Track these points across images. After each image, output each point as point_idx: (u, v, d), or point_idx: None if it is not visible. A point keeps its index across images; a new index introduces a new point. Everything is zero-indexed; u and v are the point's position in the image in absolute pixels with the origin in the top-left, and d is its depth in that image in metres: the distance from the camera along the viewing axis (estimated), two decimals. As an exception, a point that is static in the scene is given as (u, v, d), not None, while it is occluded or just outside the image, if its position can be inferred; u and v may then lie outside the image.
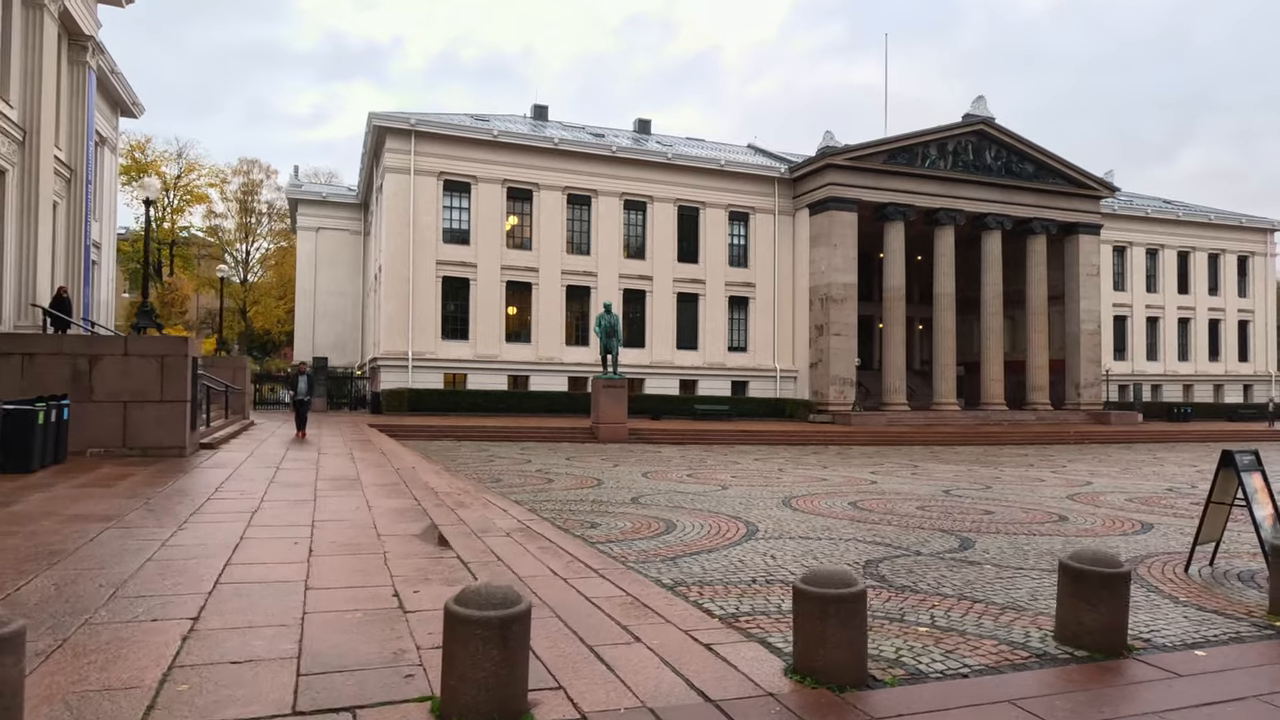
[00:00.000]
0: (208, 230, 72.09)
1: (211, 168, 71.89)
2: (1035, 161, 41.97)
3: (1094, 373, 43.21)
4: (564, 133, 40.02)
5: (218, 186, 70.96)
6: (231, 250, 74.47)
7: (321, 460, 12.86)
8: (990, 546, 7.69)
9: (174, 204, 69.71)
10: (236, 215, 73.57)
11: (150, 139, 68.09)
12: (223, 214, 72.81)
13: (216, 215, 72.68)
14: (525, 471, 14.92)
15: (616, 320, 28.94)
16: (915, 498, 11.88)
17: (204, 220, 72.13)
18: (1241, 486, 6.17)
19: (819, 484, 13.89)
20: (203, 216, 72.09)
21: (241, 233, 74.12)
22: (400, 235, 34.71)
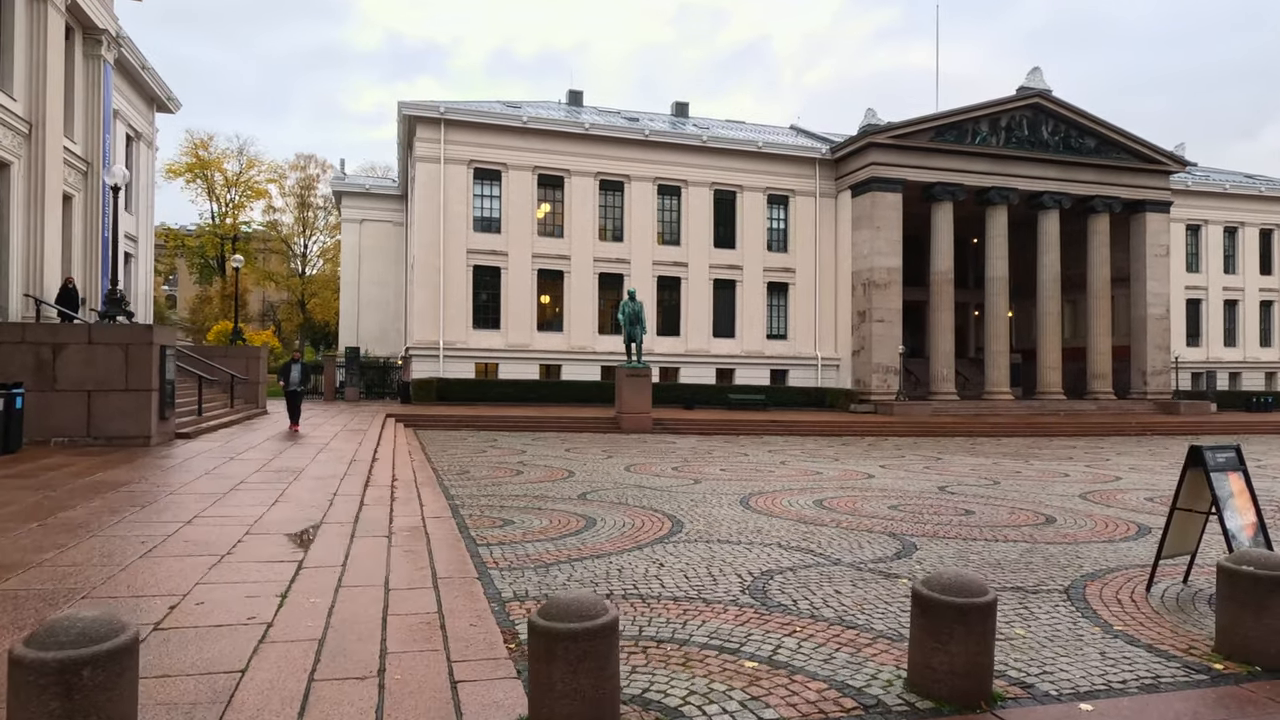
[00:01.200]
0: (267, 225, 74.04)
1: (270, 163, 73.82)
2: (1096, 135, 39.43)
3: (1162, 360, 40.53)
4: (596, 117, 39.37)
5: (276, 182, 72.82)
6: (290, 244, 76.30)
7: (287, 452, 12.57)
8: (930, 555, 6.78)
9: (235, 200, 71.87)
10: (294, 210, 75.33)
11: (212, 137, 70.19)
12: (281, 209, 74.73)
13: (276, 210, 74.61)
14: (505, 463, 14.40)
15: (640, 307, 28.26)
16: (899, 495, 10.90)
17: (263, 215, 74.16)
18: (1212, 490, 5.14)
19: (808, 479, 12.97)
20: (262, 211, 74.07)
21: (300, 226, 75.83)
22: (431, 225, 34.65)
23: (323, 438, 15.29)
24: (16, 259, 17.25)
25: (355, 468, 10.90)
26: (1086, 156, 39.19)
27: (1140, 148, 39.80)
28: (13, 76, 17.23)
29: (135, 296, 29.30)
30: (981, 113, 38.13)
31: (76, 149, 20.52)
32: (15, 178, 17.40)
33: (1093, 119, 39.04)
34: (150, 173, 30.63)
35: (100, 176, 21.52)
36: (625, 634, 4.33)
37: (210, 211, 71.23)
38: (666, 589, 5.36)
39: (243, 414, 19.23)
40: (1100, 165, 39.35)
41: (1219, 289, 45.36)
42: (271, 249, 76.72)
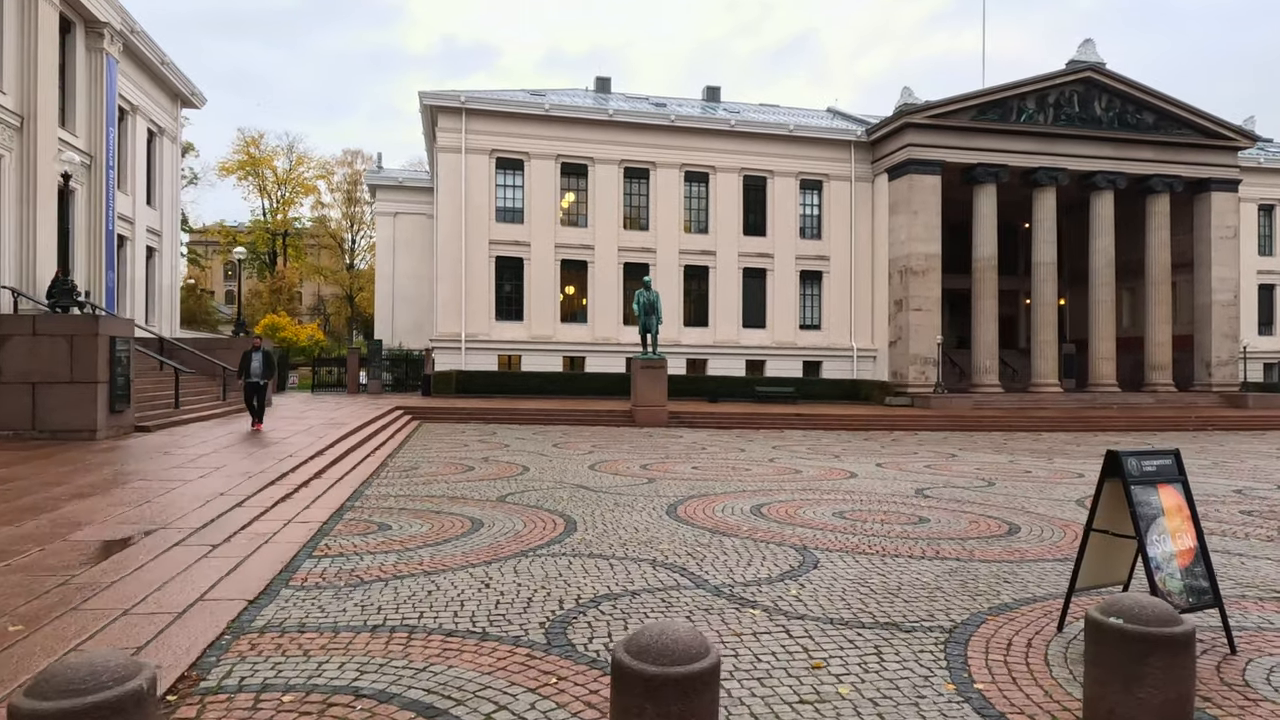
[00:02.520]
0: (316, 220, 75.41)
1: (319, 160, 75.16)
2: (1155, 110, 36.86)
3: (1229, 349, 37.80)
4: (621, 104, 38.53)
5: (325, 178, 74.09)
6: (339, 238, 77.51)
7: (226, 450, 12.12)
8: (825, 576, 5.83)
9: (285, 196, 73.38)
10: (342, 205, 76.54)
11: (263, 135, 71.73)
12: (329, 204, 76.03)
13: (324, 205, 75.94)
14: (467, 459, 13.79)
15: (656, 296, 27.40)
16: (863, 498, 9.87)
17: (312, 211, 75.55)
18: (1131, 507, 4.10)
19: (779, 479, 11.98)
20: (311, 207, 75.48)
21: (347, 221, 76.99)
22: (453, 215, 34.38)
23: (288, 432, 14.89)
24: (8, 252, 17.30)
25: (284, 464, 10.38)
26: (1144, 133, 36.68)
27: (1204, 122, 37.09)
28: (2, 70, 17.25)
29: (159, 290, 29.70)
30: (1028, 89, 36.00)
31: (78, 142, 20.58)
32: (6, 171, 17.45)
33: (1151, 92, 36.51)
34: (174, 167, 30.96)
35: (104, 170, 21.61)
36: (291, 684, 3.61)
37: (261, 208, 72.93)
38: (451, 620, 4.61)
39: (233, 407, 19.06)
40: (1159, 142, 36.79)
41: (1295, 273, 42.12)
42: (321, 244, 78.09)
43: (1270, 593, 5.48)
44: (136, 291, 27.40)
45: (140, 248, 28.03)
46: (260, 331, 54.53)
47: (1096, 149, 36.32)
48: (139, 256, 27.88)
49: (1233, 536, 7.92)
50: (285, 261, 74.33)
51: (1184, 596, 4.07)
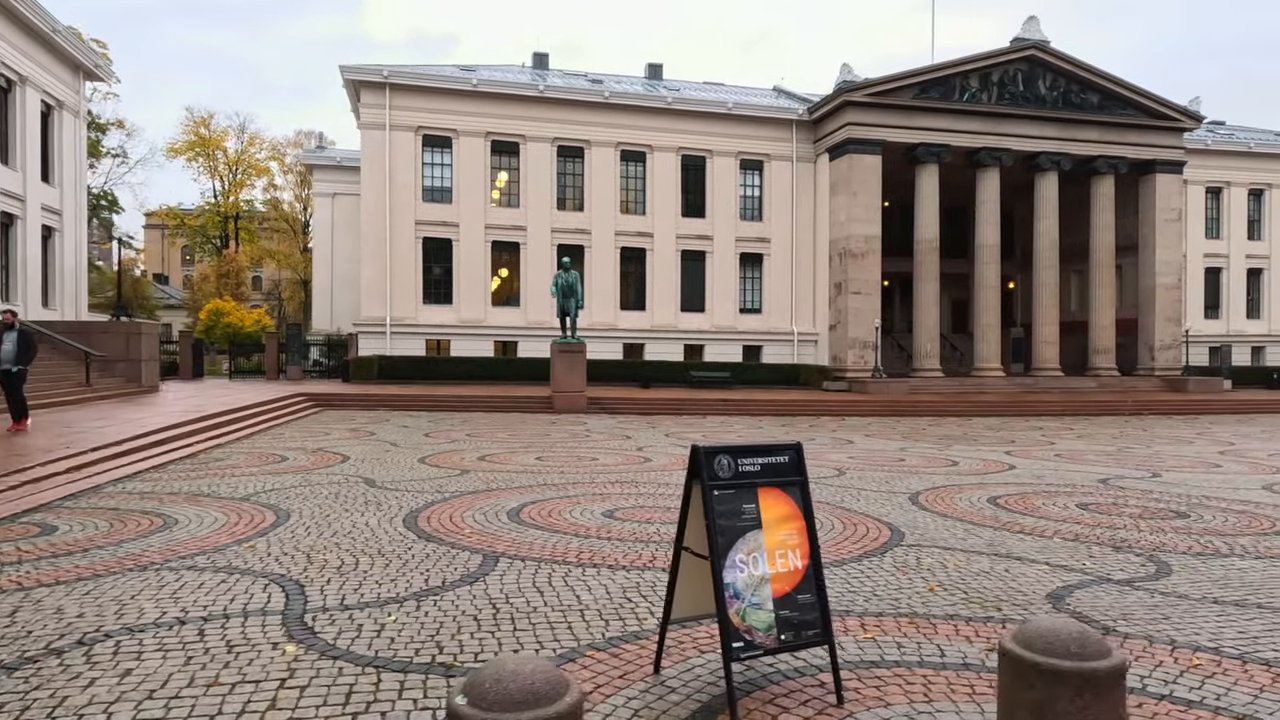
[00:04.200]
0: (269, 203, 73.65)
1: (271, 141, 73.24)
2: (1100, 90, 36.19)
3: (1172, 333, 37.40)
4: (554, 79, 37.37)
5: (278, 159, 72.26)
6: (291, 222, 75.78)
7: None
8: (450, 600, 4.92)
9: (237, 178, 71.53)
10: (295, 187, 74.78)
11: (213, 115, 69.84)
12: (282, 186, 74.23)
13: (277, 188, 74.15)
14: (292, 449, 12.88)
15: (575, 278, 26.48)
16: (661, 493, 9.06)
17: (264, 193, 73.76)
18: (709, 517, 3.25)
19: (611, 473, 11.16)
20: (263, 189, 73.71)
21: (300, 204, 75.27)
22: (377, 195, 33.19)
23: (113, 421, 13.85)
24: None
25: (26, 459, 9.40)
26: (1088, 113, 36.02)
27: (1149, 103, 36.47)
28: None
29: (59, 272, 28.33)
30: (971, 67, 35.22)
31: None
32: None
33: (1095, 71, 35.82)
34: (78, 143, 29.52)
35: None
36: None
37: (212, 190, 71.07)
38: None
39: (94, 395, 17.96)
40: (1104, 123, 36.15)
41: (1241, 256, 41.84)
42: (274, 227, 76.30)
43: (976, 611, 4.69)
44: (30, 273, 26.07)
45: (34, 227, 26.66)
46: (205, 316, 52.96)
47: (1041, 129, 35.64)
48: (32, 237, 26.52)
49: (1035, 535, 7.16)
50: (237, 245, 72.61)
51: (771, 633, 3.24)
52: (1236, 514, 8.63)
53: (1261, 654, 4.10)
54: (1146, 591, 5.31)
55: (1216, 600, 5.14)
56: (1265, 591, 5.40)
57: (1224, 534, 7.45)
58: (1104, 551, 6.54)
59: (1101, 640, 2.56)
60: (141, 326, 21.36)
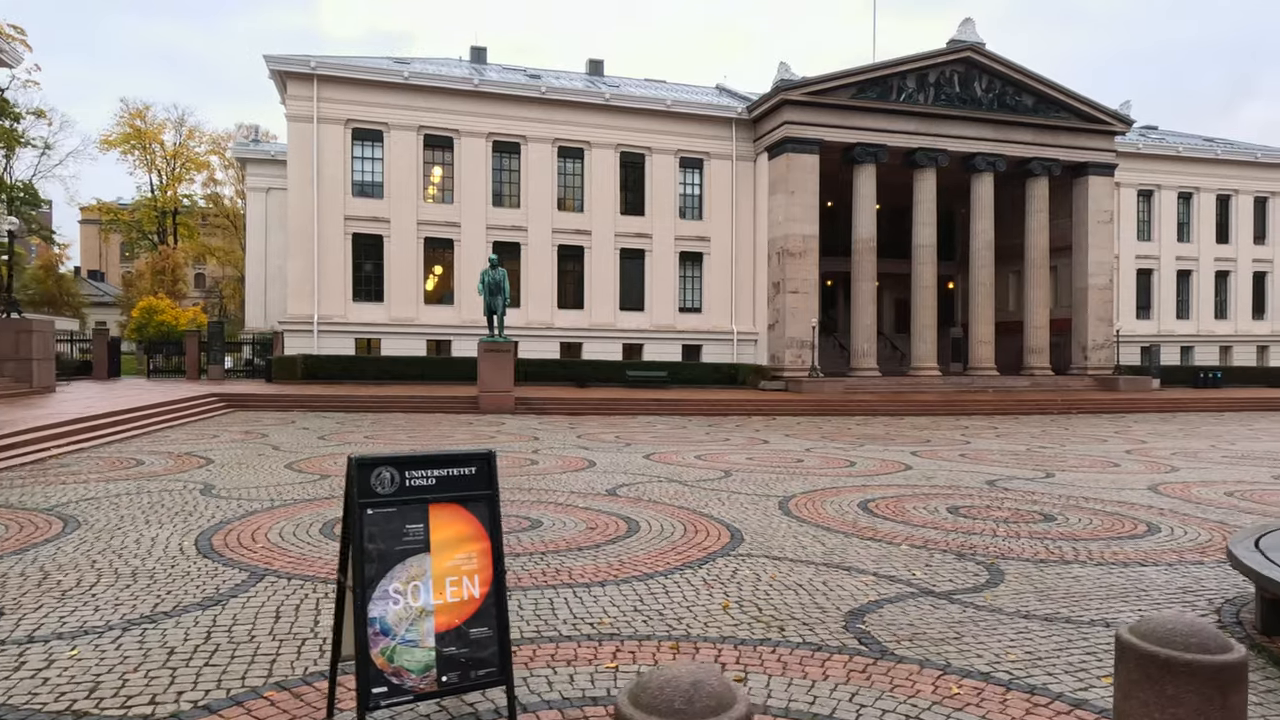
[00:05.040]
0: (209, 198, 71.64)
1: (212, 134, 71.24)
2: (1034, 93, 36.60)
3: (1104, 333, 37.99)
4: (490, 74, 36.71)
5: (219, 153, 70.28)
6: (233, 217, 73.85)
7: None
8: (237, 608, 4.40)
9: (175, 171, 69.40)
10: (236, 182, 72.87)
11: (149, 107, 67.71)
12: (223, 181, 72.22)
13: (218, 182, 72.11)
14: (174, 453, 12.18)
15: (503, 275, 25.82)
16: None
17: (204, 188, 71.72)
18: (359, 540, 2.80)
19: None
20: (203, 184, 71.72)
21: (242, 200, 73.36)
22: (304, 189, 32.23)
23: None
24: None
25: None
26: (1023, 115, 36.40)
27: (1082, 106, 36.99)
28: None
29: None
30: (908, 68, 35.34)
31: None
32: None
33: (1029, 74, 36.21)
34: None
35: None
36: None
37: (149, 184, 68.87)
38: None
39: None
40: (1038, 125, 36.57)
41: (1171, 258, 42.70)
42: (215, 223, 74.21)
43: (753, 634, 4.32)
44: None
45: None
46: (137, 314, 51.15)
47: (977, 130, 35.91)
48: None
49: (884, 541, 6.85)
50: (176, 241, 70.51)
51: (429, 674, 2.79)
52: (1105, 516, 8.44)
53: (1033, 679, 3.78)
54: (961, 605, 5.00)
55: (1028, 614, 4.84)
56: (1084, 603, 5.12)
57: (1079, 538, 7.22)
58: (945, 559, 6.25)
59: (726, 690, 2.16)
60: (33, 324, 20.27)
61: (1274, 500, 9.94)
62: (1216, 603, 5.14)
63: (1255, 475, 12.52)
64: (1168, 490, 10.61)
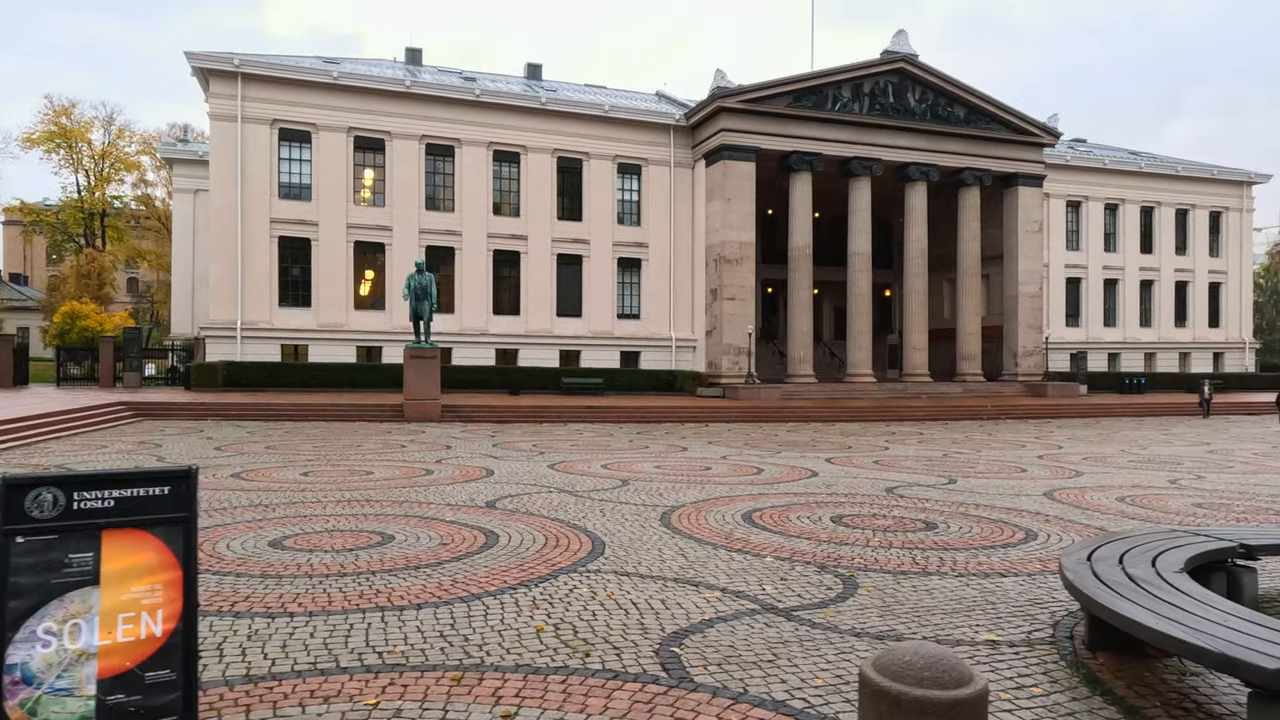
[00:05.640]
0: (139, 200, 69.32)
1: (142, 134, 68.98)
2: (965, 104, 37.31)
3: (1034, 340, 38.80)
4: (426, 75, 36.11)
5: (150, 153, 68.00)
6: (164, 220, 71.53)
7: None
8: None
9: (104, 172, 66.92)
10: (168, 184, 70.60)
11: (75, 104, 65.24)
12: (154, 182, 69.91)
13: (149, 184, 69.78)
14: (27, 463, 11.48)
15: (429, 280, 25.26)
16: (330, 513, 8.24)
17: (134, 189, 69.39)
18: (4, 569, 2.42)
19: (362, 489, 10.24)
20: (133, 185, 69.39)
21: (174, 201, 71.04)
22: (227, 189, 31.23)
23: None
24: None
25: None
26: (955, 126, 37.07)
27: (1011, 118, 37.82)
28: None
29: None
30: (843, 77, 35.71)
31: None
32: None
33: (961, 86, 36.90)
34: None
35: None
36: None
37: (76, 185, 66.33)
38: None
39: None
40: (970, 136, 37.28)
41: (1099, 267, 43.89)
42: (147, 225, 71.83)
43: (547, 662, 4.02)
44: None
45: None
46: (59, 319, 49.05)
47: (910, 140, 36.43)
48: None
49: (750, 554, 6.63)
50: (104, 244, 68.03)
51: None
52: (988, 524, 8.36)
53: (828, 708, 3.55)
54: (798, 623, 4.77)
55: (861, 632, 4.63)
56: (926, 618, 4.94)
57: (950, 548, 7.09)
58: (805, 572, 6.04)
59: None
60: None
61: (1161, 505, 10.02)
62: (1059, 615, 5.00)
63: (1153, 480, 12.69)
64: (1062, 496, 10.64)
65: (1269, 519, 9.22)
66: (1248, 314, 46.60)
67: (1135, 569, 4.22)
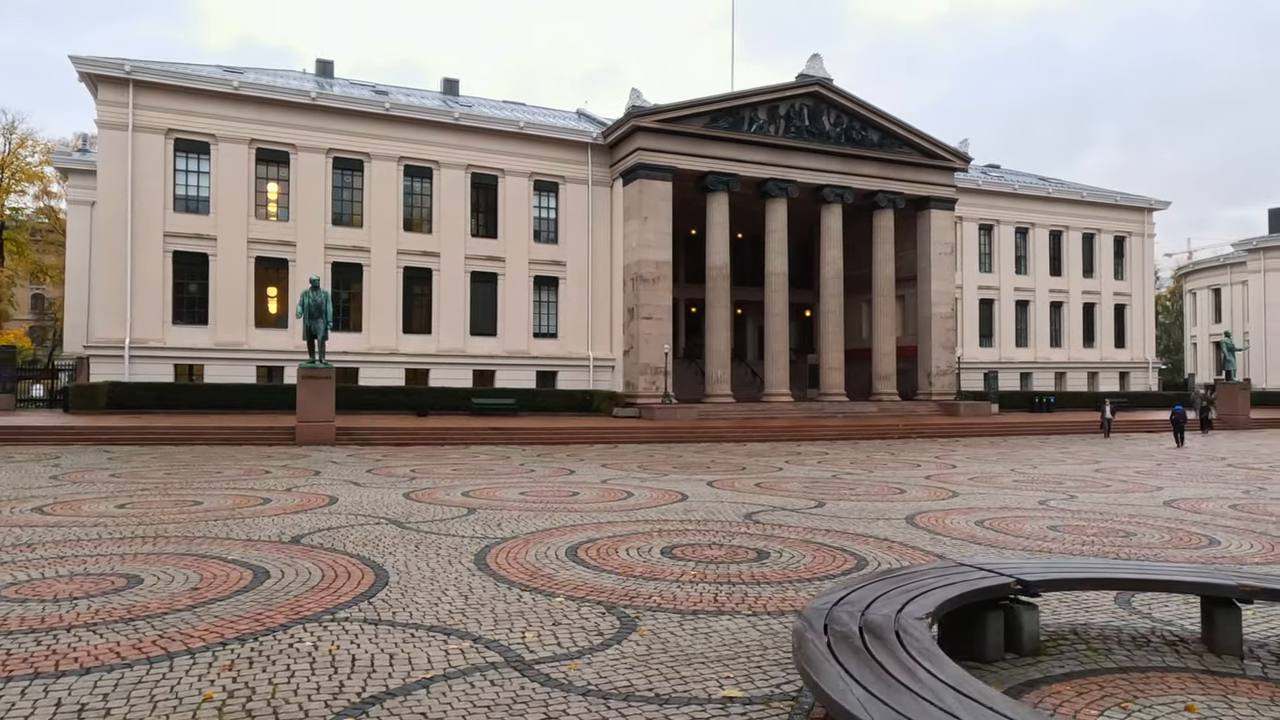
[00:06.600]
0: (42, 212, 66.09)
1: (46, 144, 65.88)
2: (879, 129, 37.94)
3: (947, 360, 39.43)
4: (335, 88, 35.14)
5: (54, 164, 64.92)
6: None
7: None
8: None
9: (3, 183, 63.63)
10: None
11: (-31, 111, 61.89)
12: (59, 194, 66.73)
13: (52, 195, 66.59)
14: None
15: (325, 297, 24.28)
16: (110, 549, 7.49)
17: (37, 201, 66.17)
18: None
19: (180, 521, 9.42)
20: (35, 197, 66.16)
21: (83, 214, 67.81)
22: (115, 201, 29.75)
23: None
24: None
25: None
26: (869, 150, 37.63)
27: (923, 142, 38.58)
28: None
29: None
30: (759, 99, 35.96)
31: None
32: None
33: (874, 110, 37.52)
34: None
35: None
36: None
37: (-30, 195, 62.86)
38: None
39: None
40: (883, 159, 37.88)
41: (1011, 289, 45.01)
42: (50, 240, 68.47)
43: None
44: None
45: None
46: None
47: (825, 163, 36.82)
48: None
49: (542, 592, 6.10)
50: (2, 258, 64.51)
51: None
52: (827, 551, 8.01)
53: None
54: (531, 678, 4.24)
55: (593, 689, 4.12)
56: (677, 669, 4.45)
57: (762, 581, 6.67)
58: (588, 614, 5.52)
59: None
60: None
61: (1017, 529, 9.84)
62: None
63: (1025, 501, 12.60)
64: (922, 520, 10.40)
65: (1115, 540, 9.09)
66: (1150, 335, 48.34)
67: (877, 616, 3.82)
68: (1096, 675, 4.43)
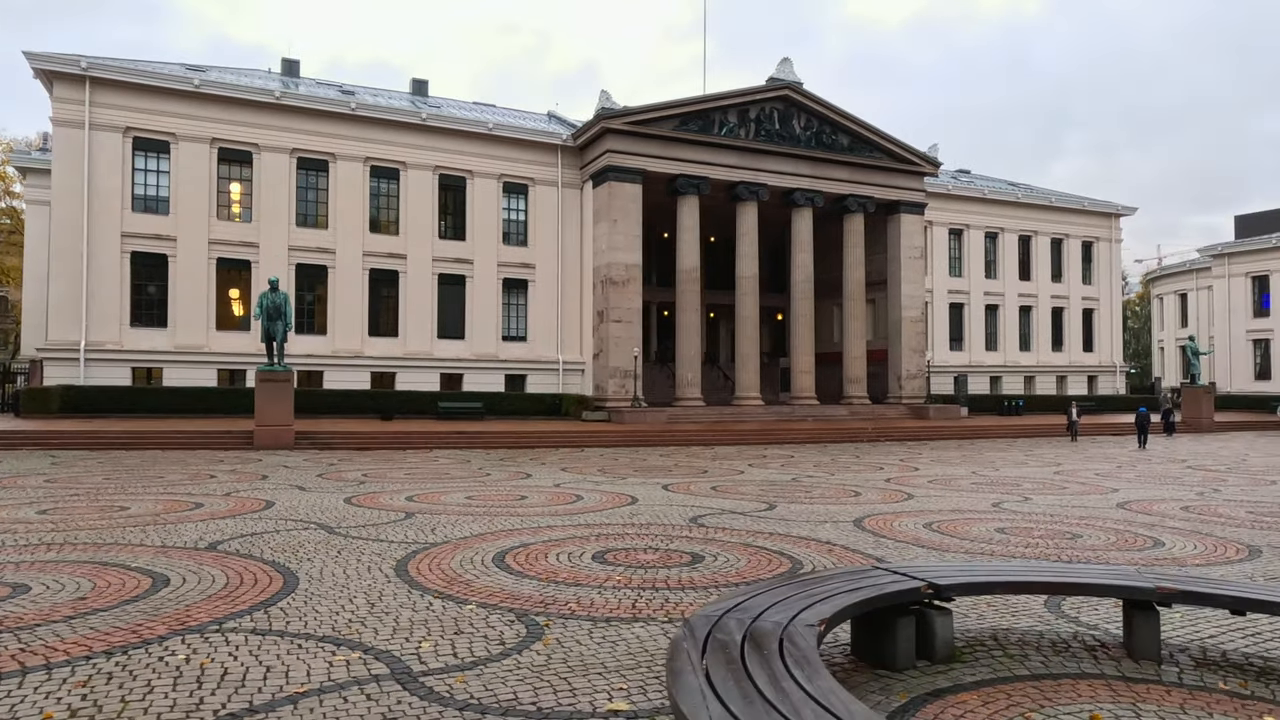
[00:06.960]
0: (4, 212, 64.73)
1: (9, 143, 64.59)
2: (850, 133, 38.00)
3: (917, 363, 39.53)
4: (300, 87, 34.65)
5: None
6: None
7: None
8: None
9: (-38, 183, 62.29)
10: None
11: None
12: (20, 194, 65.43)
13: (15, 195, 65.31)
14: None
15: (284, 299, 23.80)
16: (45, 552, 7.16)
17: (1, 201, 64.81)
18: None
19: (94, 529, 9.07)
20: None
21: (47, 215, 66.41)
22: (71, 201, 29.10)
23: None
24: None
25: None
26: (840, 154, 37.66)
27: (893, 147, 38.68)
28: None
29: None
30: (729, 102, 35.88)
31: None
32: None
33: (844, 115, 37.56)
34: None
35: None
36: None
37: None
38: None
39: None
40: (854, 164, 37.93)
41: (980, 293, 45.26)
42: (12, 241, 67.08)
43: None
44: None
45: None
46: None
47: (796, 166, 36.79)
48: None
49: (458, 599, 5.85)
50: (-37, 258, 63.04)
51: None
52: (763, 555, 7.82)
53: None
54: (413, 690, 4.00)
55: (472, 703, 3.88)
56: (572, 679, 4.23)
57: (694, 586, 6.47)
58: (493, 624, 5.28)
59: None
60: None
61: (964, 532, 9.71)
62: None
63: (979, 504, 12.50)
64: (870, 523, 10.25)
65: (1060, 543, 8.99)
66: (1118, 338, 48.82)
67: (766, 624, 3.62)
68: (1007, 683, 4.27)
